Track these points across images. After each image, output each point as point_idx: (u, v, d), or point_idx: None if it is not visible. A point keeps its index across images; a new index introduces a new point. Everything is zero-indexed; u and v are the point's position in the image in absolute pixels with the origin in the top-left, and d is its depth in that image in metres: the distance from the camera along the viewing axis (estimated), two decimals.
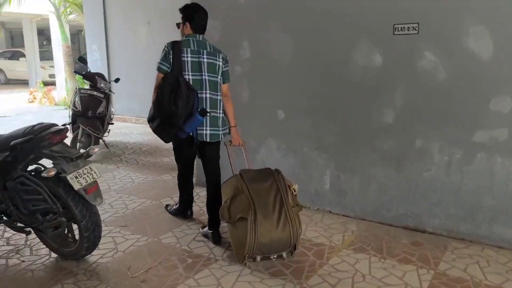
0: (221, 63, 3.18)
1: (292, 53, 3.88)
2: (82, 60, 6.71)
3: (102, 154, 6.18)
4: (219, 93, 3.19)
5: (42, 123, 2.81)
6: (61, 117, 8.22)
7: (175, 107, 2.93)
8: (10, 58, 20.27)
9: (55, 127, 2.78)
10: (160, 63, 3.06)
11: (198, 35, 3.16)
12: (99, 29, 9.27)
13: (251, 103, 4.19)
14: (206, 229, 3.34)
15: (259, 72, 4.12)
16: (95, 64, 9.41)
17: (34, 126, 2.75)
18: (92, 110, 5.83)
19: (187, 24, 3.16)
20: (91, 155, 3.00)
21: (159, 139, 3.20)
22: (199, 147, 3.24)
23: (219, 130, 3.19)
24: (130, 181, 4.93)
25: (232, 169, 3.28)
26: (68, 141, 3.48)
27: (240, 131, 3.43)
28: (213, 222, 3.27)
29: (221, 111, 3.21)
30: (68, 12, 12.36)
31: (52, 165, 2.72)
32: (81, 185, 2.69)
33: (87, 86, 6.46)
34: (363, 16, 3.47)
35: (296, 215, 2.79)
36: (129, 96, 8.96)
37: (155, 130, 3.11)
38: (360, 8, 3.48)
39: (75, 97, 5.97)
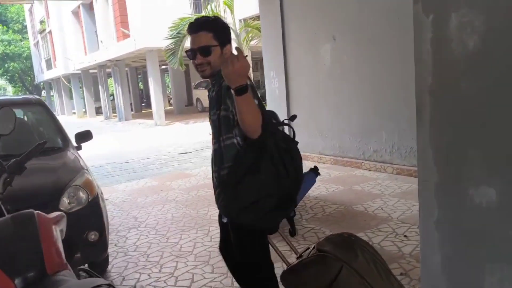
0: None
1: None
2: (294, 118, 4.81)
3: None
4: None
5: None
6: None
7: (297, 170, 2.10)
8: (205, 88, 21.84)
9: None
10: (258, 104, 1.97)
11: None
12: (277, 52, 7.94)
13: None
14: None
15: None
16: (273, 93, 8.14)
17: None
18: None
19: (229, 47, 2.13)
20: None
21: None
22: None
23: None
24: None
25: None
26: None
27: None
28: None
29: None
30: (250, 38, 11.74)
31: None
32: None
33: None
34: None
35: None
36: (310, 129, 7.37)
37: (266, 219, 2.07)
38: None
39: None
